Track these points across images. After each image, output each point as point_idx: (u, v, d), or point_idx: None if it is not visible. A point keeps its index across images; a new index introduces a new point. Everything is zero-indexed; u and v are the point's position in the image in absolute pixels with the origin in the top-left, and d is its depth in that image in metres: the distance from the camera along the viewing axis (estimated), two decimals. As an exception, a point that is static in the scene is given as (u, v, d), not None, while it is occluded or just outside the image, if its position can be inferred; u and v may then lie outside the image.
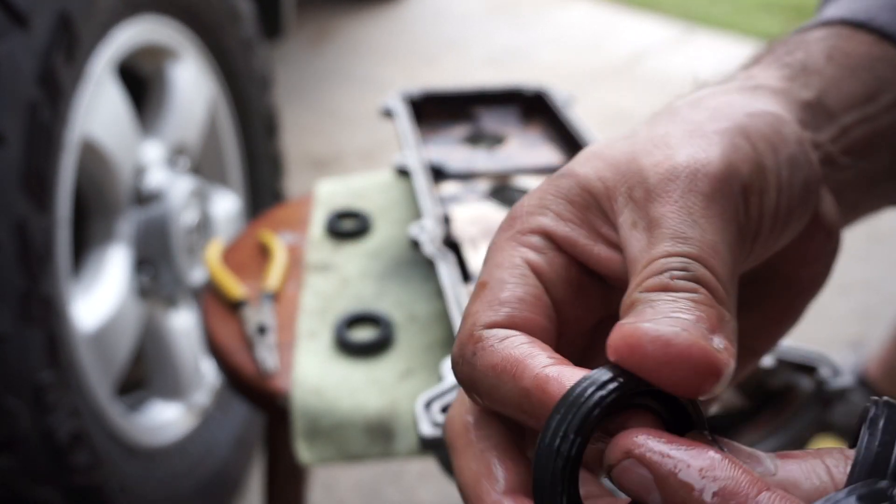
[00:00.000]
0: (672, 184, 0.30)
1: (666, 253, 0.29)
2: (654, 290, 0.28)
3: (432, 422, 0.54)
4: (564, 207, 0.32)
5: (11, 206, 0.85)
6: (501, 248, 0.32)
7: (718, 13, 4.27)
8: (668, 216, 0.30)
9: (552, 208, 0.32)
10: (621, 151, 0.32)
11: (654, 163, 0.31)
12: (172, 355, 1.35)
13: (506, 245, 0.32)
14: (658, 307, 0.27)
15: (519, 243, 0.32)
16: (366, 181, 1.09)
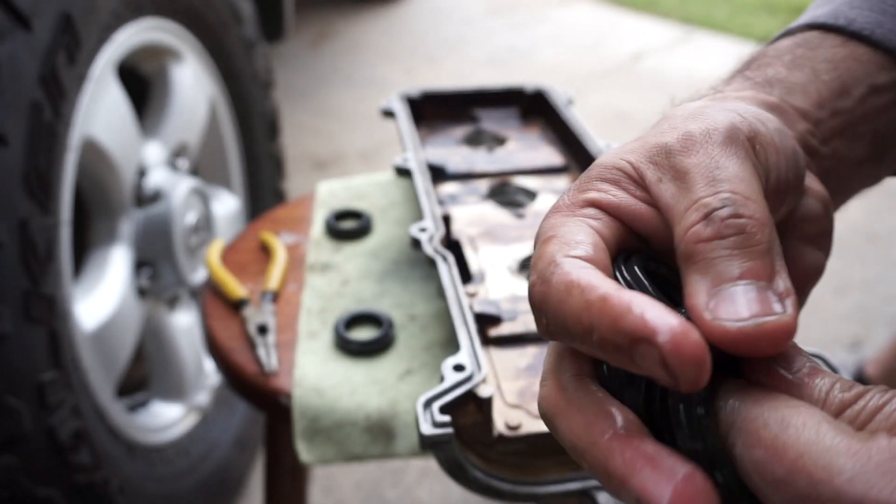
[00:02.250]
0: (688, 141, 0.33)
1: (704, 194, 0.31)
2: (707, 241, 0.30)
3: (433, 421, 0.55)
4: (602, 185, 0.35)
5: (13, 207, 0.85)
6: (560, 219, 0.34)
7: (718, 14, 4.27)
8: (694, 165, 0.33)
9: (594, 187, 0.35)
10: (633, 144, 0.36)
11: (668, 135, 0.35)
12: (173, 355, 1.35)
13: (564, 217, 0.34)
14: (718, 269, 0.30)
15: (575, 214, 0.34)
16: (366, 181, 1.09)
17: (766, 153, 0.34)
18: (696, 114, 0.35)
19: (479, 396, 0.57)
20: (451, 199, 0.93)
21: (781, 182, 0.35)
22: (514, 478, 0.59)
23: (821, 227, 0.39)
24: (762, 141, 0.35)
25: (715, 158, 0.33)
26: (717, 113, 0.35)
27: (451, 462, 0.56)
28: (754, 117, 0.35)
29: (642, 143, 0.35)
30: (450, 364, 0.59)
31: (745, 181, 0.32)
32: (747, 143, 0.34)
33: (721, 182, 0.31)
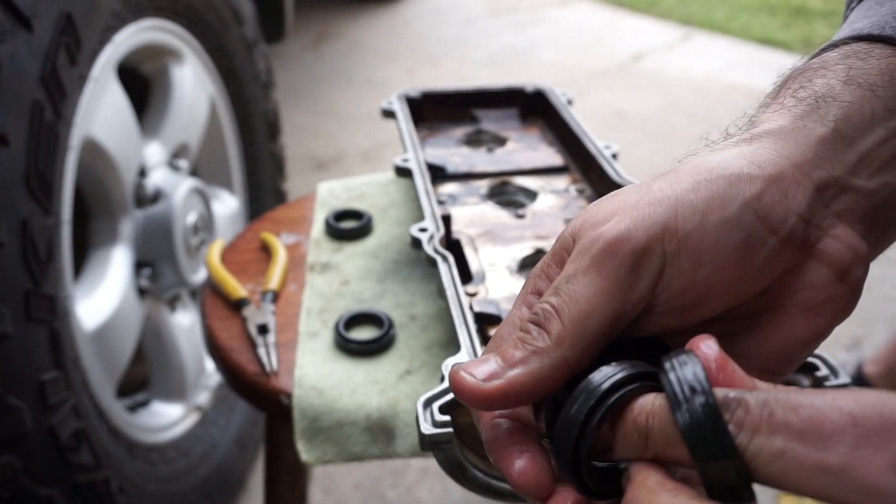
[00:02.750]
0: (582, 246, 0.38)
1: (543, 297, 0.39)
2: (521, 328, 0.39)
3: (433, 421, 0.55)
4: (547, 271, 0.42)
5: (14, 206, 0.85)
6: (515, 304, 0.43)
7: (717, 15, 4.27)
8: (567, 264, 0.39)
9: (542, 274, 0.42)
10: (594, 211, 0.40)
11: (592, 227, 0.39)
12: (174, 355, 1.35)
13: (517, 300, 0.43)
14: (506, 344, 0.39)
15: (524, 303, 0.42)
16: (366, 181, 1.10)
17: (664, 260, 0.37)
18: (638, 202, 0.38)
19: (478, 396, 0.58)
20: (451, 199, 0.93)
21: (700, 282, 0.37)
22: (513, 477, 0.59)
23: (825, 295, 0.39)
24: (667, 247, 0.37)
25: (576, 270, 0.38)
26: (644, 210, 0.38)
27: (451, 462, 0.56)
28: (694, 212, 0.37)
29: (583, 226, 0.40)
30: (450, 364, 0.59)
31: (575, 301, 0.37)
32: (626, 257, 0.37)
33: (556, 295, 0.38)
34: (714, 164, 0.39)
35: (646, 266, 0.37)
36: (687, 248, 0.37)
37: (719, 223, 0.37)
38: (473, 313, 0.71)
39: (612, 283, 0.37)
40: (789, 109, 0.42)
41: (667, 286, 0.37)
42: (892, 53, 0.42)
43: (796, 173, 0.39)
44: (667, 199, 0.38)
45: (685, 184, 0.38)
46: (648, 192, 0.39)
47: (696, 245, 0.37)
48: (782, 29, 3.95)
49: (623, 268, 0.37)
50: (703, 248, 0.37)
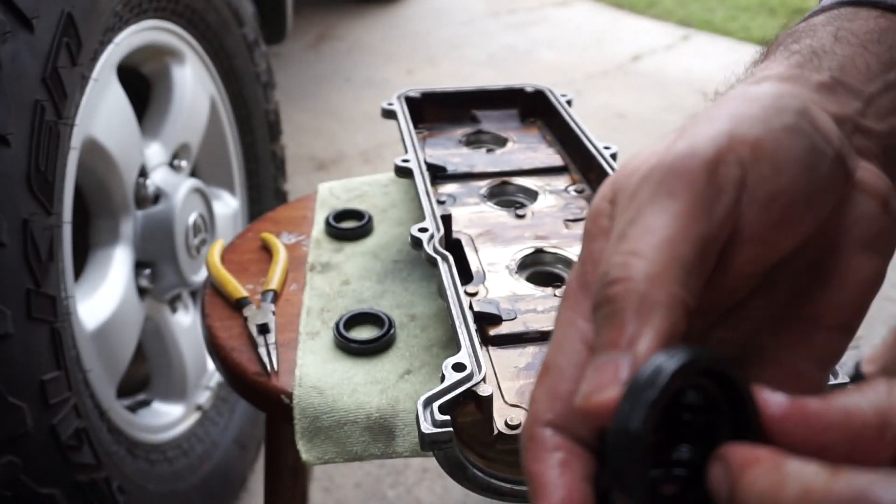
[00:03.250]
0: (636, 185, 0.33)
1: (606, 260, 0.31)
2: (594, 311, 0.31)
3: (433, 420, 0.55)
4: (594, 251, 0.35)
5: (16, 207, 0.85)
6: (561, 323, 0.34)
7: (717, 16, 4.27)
8: (618, 215, 0.33)
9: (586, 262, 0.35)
10: (626, 168, 0.35)
11: (635, 173, 0.34)
12: (174, 355, 1.35)
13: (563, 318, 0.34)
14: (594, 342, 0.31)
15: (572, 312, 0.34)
16: (366, 182, 1.10)
17: (741, 169, 0.32)
18: (683, 132, 0.34)
19: (478, 395, 0.58)
20: (451, 199, 0.93)
21: (784, 191, 0.33)
22: (513, 477, 0.59)
23: (877, 228, 0.36)
24: (739, 155, 0.33)
25: (639, 205, 0.32)
26: (694, 131, 0.34)
27: (451, 461, 0.57)
28: (754, 120, 0.34)
29: (626, 173, 0.35)
30: (450, 363, 0.59)
31: (650, 232, 0.31)
32: (700, 171, 0.32)
33: (623, 241, 0.31)
34: (742, 91, 0.37)
35: (724, 176, 0.32)
36: (762, 152, 0.33)
37: (784, 128, 0.34)
38: (473, 313, 0.71)
39: (690, 201, 0.31)
40: (784, 60, 0.41)
41: (752, 198, 0.32)
42: (879, 14, 0.42)
43: (815, 106, 0.36)
44: (721, 116, 0.34)
45: (731, 105, 0.35)
46: (693, 122, 0.35)
47: (771, 149, 0.33)
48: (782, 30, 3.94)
49: (698, 182, 0.31)
50: (778, 151, 0.33)
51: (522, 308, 0.74)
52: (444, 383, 0.57)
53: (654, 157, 0.33)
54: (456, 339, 0.63)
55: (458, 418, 0.58)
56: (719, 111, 0.35)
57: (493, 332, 0.71)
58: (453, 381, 0.58)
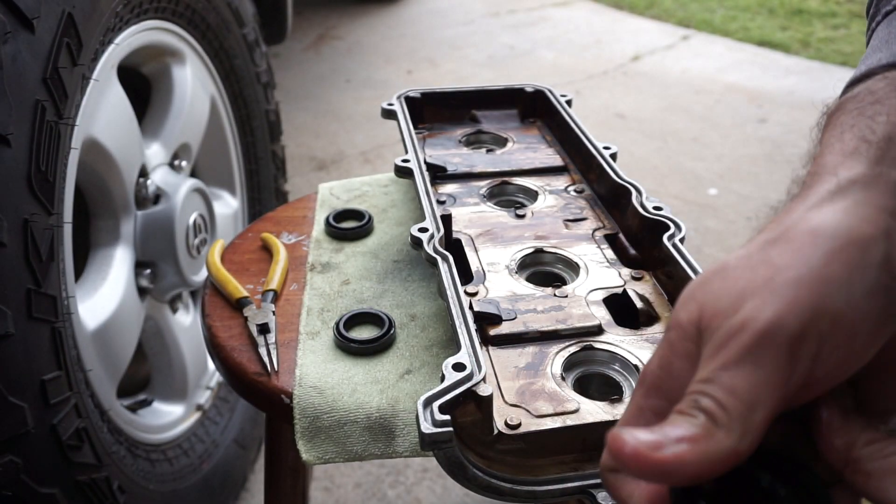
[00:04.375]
0: (724, 335, 0.37)
1: (693, 390, 0.37)
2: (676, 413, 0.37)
3: (433, 420, 0.55)
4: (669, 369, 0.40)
5: (16, 206, 0.85)
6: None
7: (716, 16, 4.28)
8: (707, 361, 0.37)
9: (664, 371, 0.41)
10: (713, 292, 0.39)
11: (725, 315, 0.38)
12: (175, 355, 1.35)
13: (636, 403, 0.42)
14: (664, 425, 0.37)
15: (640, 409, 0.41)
16: (366, 182, 1.10)
17: (820, 343, 0.36)
18: (771, 280, 0.37)
19: (478, 395, 0.58)
20: (451, 199, 0.93)
21: (861, 349, 0.37)
22: (513, 476, 0.59)
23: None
24: (822, 329, 0.36)
25: (727, 361, 0.37)
26: (785, 292, 0.37)
27: (451, 461, 0.57)
28: (839, 286, 0.37)
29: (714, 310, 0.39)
30: (450, 363, 0.59)
31: (729, 387, 0.36)
32: (783, 346, 0.36)
33: (709, 382, 0.37)
34: (830, 227, 0.39)
35: (803, 351, 0.36)
36: (840, 325, 0.37)
37: (866, 294, 0.37)
38: (473, 313, 0.71)
39: (773, 374, 0.36)
40: (862, 154, 0.42)
41: (823, 363, 0.37)
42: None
43: (894, 220, 0.39)
44: (806, 279, 0.37)
45: (815, 257, 0.38)
46: (777, 270, 0.38)
47: (850, 320, 0.37)
48: (781, 30, 3.95)
49: (782, 357, 0.36)
50: (857, 320, 0.37)
51: (522, 308, 0.74)
52: (444, 383, 0.58)
53: (743, 300, 0.37)
54: (456, 339, 0.64)
55: (458, 418, 0.58)
56: (803, 265, 0.37)
57: (493, 332, 0.71)
58: (453, 381, 0.58)
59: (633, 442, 0.35)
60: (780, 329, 0.36)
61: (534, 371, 0.67)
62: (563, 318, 0.73)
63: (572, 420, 0.62)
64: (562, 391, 0.65)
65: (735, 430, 0.35)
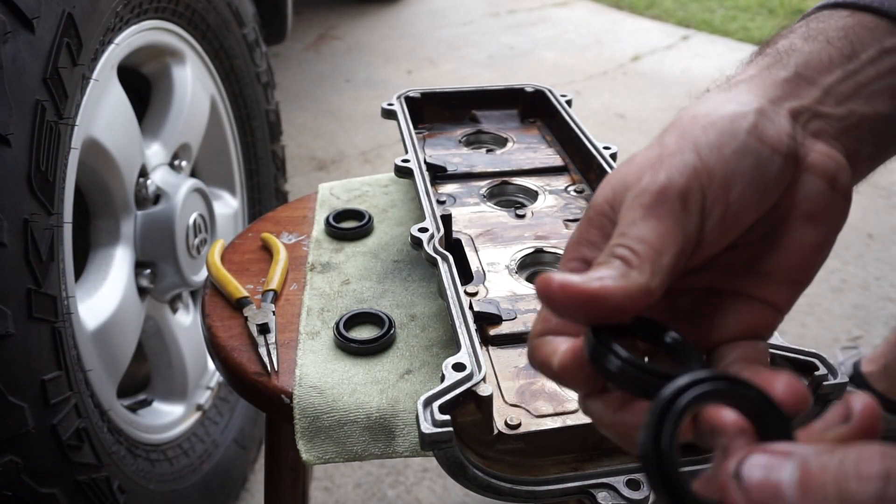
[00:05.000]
0: (631, 200, 0.44)
1: (609, 244, 0.43)
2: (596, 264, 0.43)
3: (433, 420, 0.55)
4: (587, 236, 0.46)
5: (17, 206, 0.85)
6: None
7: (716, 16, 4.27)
8: (619, 225, 0.44)
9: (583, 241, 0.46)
10: (621, 175, 0.46)
11: (629, 188, 0.44)
12: (175, 355, 1.35)
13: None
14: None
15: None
16: (366, 182, 1.10)
17: (703, 195, 0.43)
18: (661, 156, 0.44)
19: (478, 395, 0.58)
20: (451, 199, 0.93)
21: (732, 203, 0.44)
22: (513, 476, 0.59)
23: (822, 204, 0.45)
24: (703, 183, 0.43)
25: (634, 218, 0.43)
26: (670, 162, 0.44)
27: (451, 461, 0.57)
28: (711, 149, 0.44)
29: (623, 183, 0.45)
30: (450, 363, 0.60)
31: (640, 237, 0.42)
32: (676, 201, 0.43)
33: (624, 237, 0.43)
34: (708, 110, 0.46)
35: (691, 203, 0.43)
36: (715, 179, 0.43)
37: (733, 153, 0.44)
38: (473, 313, 0.71)
39: (672, 224, 0.42)
40: (757, 63, 0.50)
41: (709, 215, 0.43)
42: (849, 14, 0.49)
43: (772, 105, 0.46)
44: (686, 146, 0.44)
45: (694, 131, 0.45)
46: (666, 147, 0.45)
47: (722, 174, 0.43)
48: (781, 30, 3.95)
49: (676, 210, 0.43)
50: (728, 174, 0.43)
51: (522, 308, 0.74)
52: (444, 383, 0.58)
53: (642, 174, 0.44)
54: (456, 339, 0.64)
55: (458, 418, 0.58)
56: (686, 140, 0.45)
57: (493, 332, 0.71)
58: (453, 380, 0.58)
59: (560, 278, 0.41)
60: (671, 187, 0.43)
61: (533, 371, 0.67)
62: (563, 318, 0.73)
63: (572, 420, 0.62)
64: (562, 391, 0.65)
65: (646, 271, 0.41)
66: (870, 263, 2.18)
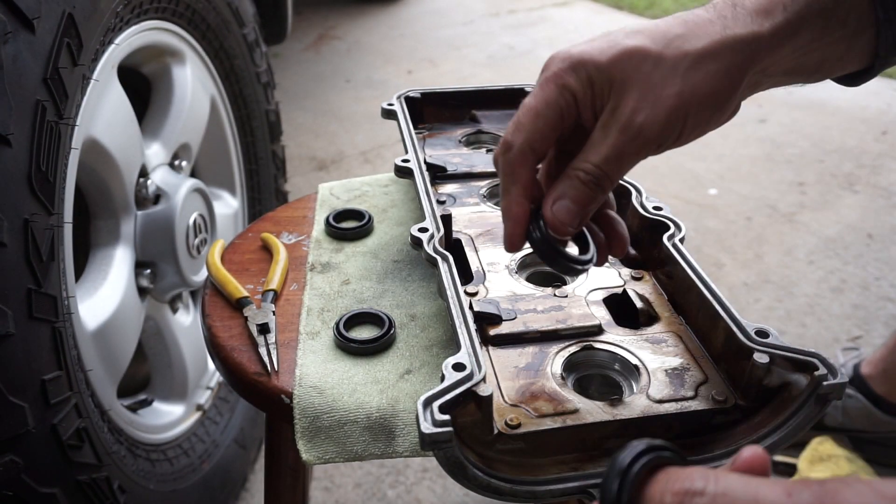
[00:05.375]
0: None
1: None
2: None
3: (433, 420, 0.55)
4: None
5: (17, 206, 0.85)
6: (538, 88, 0.61)
7: (718, 15, 4.26)
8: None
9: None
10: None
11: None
12: (175, 355, 1.35)
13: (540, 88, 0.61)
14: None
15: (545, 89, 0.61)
16: (366, 182, 1.10)
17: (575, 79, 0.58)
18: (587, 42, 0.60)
19: (478, 395, 0.58)
20: (451, 199, 0.93)
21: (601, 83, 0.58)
22: (513, 476, 0.59)
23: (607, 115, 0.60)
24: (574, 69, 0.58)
25: (533, 92, 0.59)
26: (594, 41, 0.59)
27: (451, 461, 0.57)
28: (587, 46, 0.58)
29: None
30: (450, 363, 0.60)
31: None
32: (562, 75, 0.57)
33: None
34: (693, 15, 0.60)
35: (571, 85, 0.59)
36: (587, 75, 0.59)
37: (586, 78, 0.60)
38: (473, 313, 0.71)
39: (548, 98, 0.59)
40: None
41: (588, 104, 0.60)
42: None
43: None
44: (614, 36, 0.60)
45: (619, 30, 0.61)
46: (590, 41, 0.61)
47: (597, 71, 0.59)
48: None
49: (556, 86, 0.59)
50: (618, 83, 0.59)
51: (522, 308, 0.74)
52: (444, 383, 0.58)
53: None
54: (456, 339, 0.64)
55: (458, 418, 0.58)
56: (608, 35, 0.60)
57: (493, 332, 0.71)
58: (453, 381, 0.58)
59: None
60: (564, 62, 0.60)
61: (534, 371, 0.68)
62: (563, 318, 0.73)
63: (572, 420, 0.62)
64: (562, 391, 0.65)
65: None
66: (870, 263, 2.18)
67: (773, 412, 0.63)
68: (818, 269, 2.15)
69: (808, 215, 2.41)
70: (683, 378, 0.67)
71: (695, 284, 0.71)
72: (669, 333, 0.73)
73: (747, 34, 0.57)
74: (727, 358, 0.67)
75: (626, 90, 0.56)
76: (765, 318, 1.98)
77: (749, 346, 0.63)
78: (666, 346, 0.71)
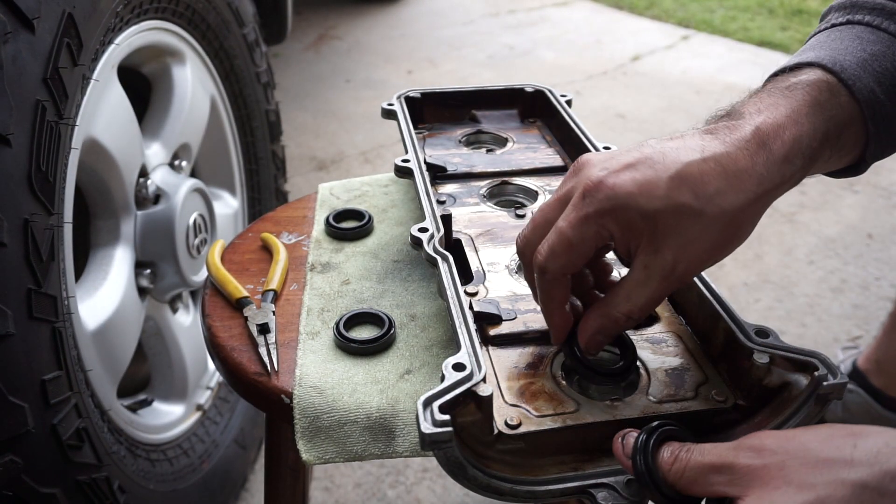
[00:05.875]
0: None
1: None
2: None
3: (433, 420, 0.55)
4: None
5: (17, 207, 0.85)
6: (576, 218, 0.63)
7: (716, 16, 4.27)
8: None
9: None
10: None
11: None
12: (175, 355, 1.35)
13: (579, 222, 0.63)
14: None
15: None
16: (366, 182, 1.10)
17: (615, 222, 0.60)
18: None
19: (478, 395, 0.58)
20: (451, 199, 0.93)
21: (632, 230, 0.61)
22: (513, 476, 0.59)
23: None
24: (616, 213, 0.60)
25: (570, 219, 0.62)
26: (636, 168, 0.61)
27: (451, 461, 0.57)
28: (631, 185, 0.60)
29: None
30: (450, 363, 0.60)
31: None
32: (603, 218, 0.60)
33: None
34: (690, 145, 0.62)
35: (606, 225, 0.62)
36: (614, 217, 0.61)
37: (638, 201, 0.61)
38: (473, 313, 0.71)
39: (588, 233, 0.62)
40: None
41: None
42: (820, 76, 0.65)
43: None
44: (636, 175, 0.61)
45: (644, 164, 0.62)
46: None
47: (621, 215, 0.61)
48: (781, 30, 3.95)
49: (591, 221, 0.62)
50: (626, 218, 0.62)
51: (522, 308, 0.74)
52: (444, 383, 0.58)
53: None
54: (456, 339, 0.64)
55: (457, 418, 0.58)
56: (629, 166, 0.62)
57: (493, 332, 0.71)
58: (453, 381, 0.58)
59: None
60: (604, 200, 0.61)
61: (534, 371, 0.68)
62: (563, 318, 0.73)
63: (572, 420, 0.62)
64: (562, 391, 0.65)
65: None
66: (870, 263, 2.18)
67: (773, 412, 0.63)
68: (818, 269, 2.15)
69: (808, 215, 2.41)
70: (683, 378, 0.67)
71: (695, 284, 0.71)
72: (669, 333, 0.73)
73: (778, 185, 0.61)
74: (727, 358, 0.67)
75: (666, 239, 0.59)
76: (765, 318, 1.98)
77: (749, 346, 0.63)
78: (666, 346, 0.71)
